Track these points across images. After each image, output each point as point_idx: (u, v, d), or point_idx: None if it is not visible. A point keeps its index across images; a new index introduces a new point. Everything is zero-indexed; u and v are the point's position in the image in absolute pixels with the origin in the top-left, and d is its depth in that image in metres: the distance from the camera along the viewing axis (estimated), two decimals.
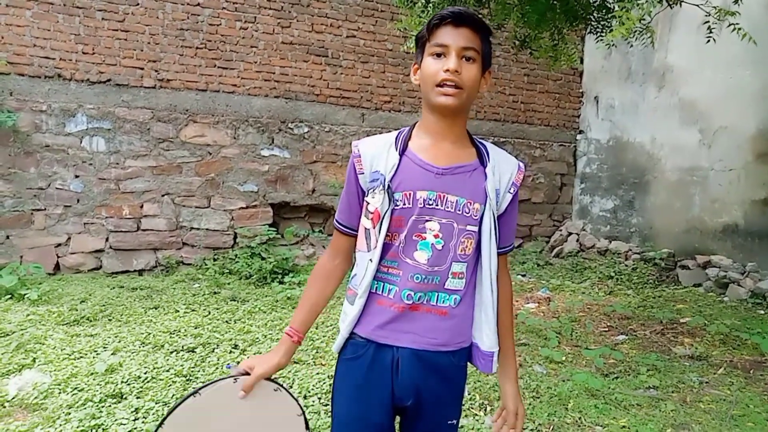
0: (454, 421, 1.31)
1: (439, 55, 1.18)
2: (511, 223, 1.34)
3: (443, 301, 1.25)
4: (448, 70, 1.15)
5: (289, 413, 1.29)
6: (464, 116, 1.27)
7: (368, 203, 1.25)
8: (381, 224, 1.21)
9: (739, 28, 3.51)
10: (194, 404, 1.19)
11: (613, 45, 3.39)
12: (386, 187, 1.21)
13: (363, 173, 1.26)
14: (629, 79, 6.83)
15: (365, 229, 1.26)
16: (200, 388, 1.21)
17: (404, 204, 1.22)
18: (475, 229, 1.26)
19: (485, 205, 1.25)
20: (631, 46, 4.23)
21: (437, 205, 1.22)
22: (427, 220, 1.22)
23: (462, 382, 1.34)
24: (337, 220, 1.35)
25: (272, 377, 1.28)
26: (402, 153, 1.25)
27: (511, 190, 1.29)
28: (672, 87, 6.28)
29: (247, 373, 1.25)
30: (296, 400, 1.30)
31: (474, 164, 1.27)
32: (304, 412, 1.31)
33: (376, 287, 1.26)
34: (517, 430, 1.31)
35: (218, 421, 1.22)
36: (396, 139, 1.28)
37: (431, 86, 1.19)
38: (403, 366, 1.24)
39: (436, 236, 1.22)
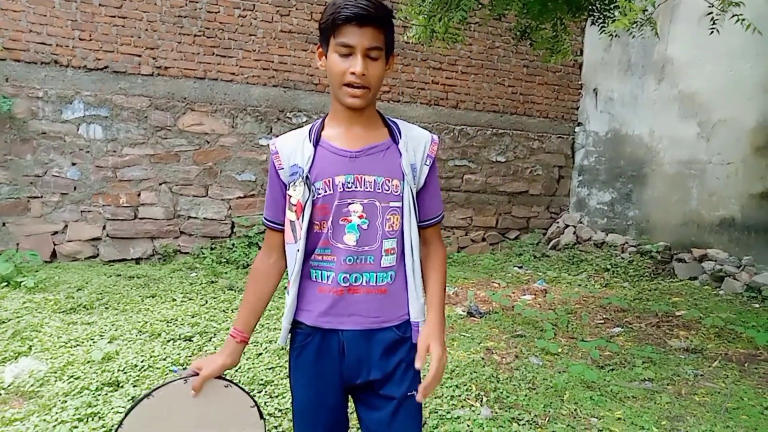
0: (414, 392, 1.30)
1: (344, 54, 1.21)
2: (433, 194, 1.38)
3: (381, 280, 1.29)
4: (354, 73, 1.19)
5: (243, 406, 1.35)
6: (373, 103, 1.32)
7: (290, 196, 1.30)
8: (304, 214, 1.27)
9: (743, 19, 3.49)
10: (150, 405, 1.25)
11: (615, 35, 3.38)
12: (305, 178, 1.26)
13: (282, 168, 1.31)
14: (629, 71, 6.80)
15: (290, 221, 1.31)
16: (153, 390, 1.26)
17: (325, 191, 1.26)
18: (399, 204, 1.30)
19: (403, 180, 1.30)
20: (633, 37, 4.20)
21: (356, 187, 1.27)
22: (349, 203, 1.26)
23: (412, 354, 1.33)
24: (265, 218, 1.39)
25: (222, 375, 1.34)
26: (316, 144, 1.30)
27: (427, 162, 1.34)
28: (672, 79, 6.26)
29: (196, 374, 1.31)
30: (247, 393, 1.36)
31: (387, 143, 1.31)
32: (256, 403, 1.36)
33: (315, 276, 1.31)
34: (430, 374, 1.22)
35: (176, 420, 1.29)
36: (309, 131, 1.33)
37: (338, 85, 1.23)
38: (349, 348, 1.30)
39: (360, 217, 1.27)
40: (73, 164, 5.23)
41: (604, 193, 7.12)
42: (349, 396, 1.39)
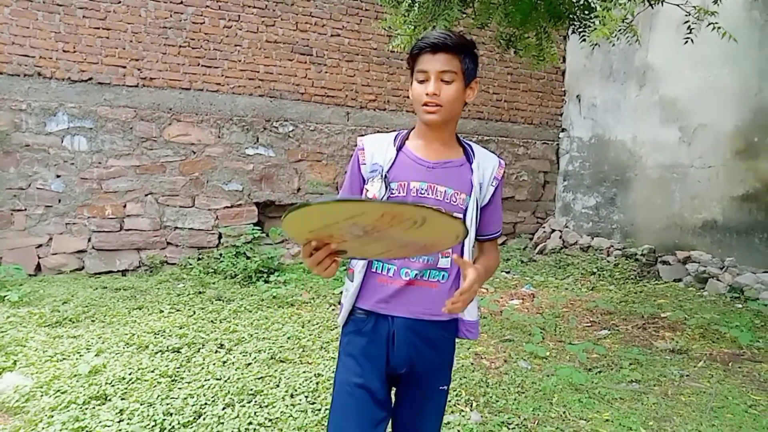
0: (445, 387, 1.50)
1: (422, 81, 1.38)
2: (496, 211, 1.54)
3: (434, 277, 1.42)
4: (427, 94, 1.36)
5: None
6: (452, 124, 1.46)
7: (367, 190, 1.44)
8: None
9: (719, 27, 3.58)
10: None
11: (596, 45, 3.44)
12: (384, 176, 1.41)
13: (365, 164, 1.46)
14: (611, 78, 6.91)
15: None
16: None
17: (399, 192, 1.41)
18: (461, 216, 1.41)
19: (470, 196, 1.45)
20: (613, 45, 4.29)
21: (428, 195, 1.41)
22: None
23: (451, 353, 1.53)
24: None
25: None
26: (399, 149, 1.46)
27: (493, 183, 1.50)
28: (653, 86, 6.38)
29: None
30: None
31: (461, 161, 1.47)
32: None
33: (377, 267, 1.44)
34: (463, 285, 1.28)
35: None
36: (395, 138, 1.49)
37: (418, 106, 1.40)
38: (399, 338, 1.42)
39: None
40: (58, 176, 5.19)
41: (589, 198, 7.20)
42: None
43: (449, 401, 2.83)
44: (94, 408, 2.58)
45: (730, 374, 3.38)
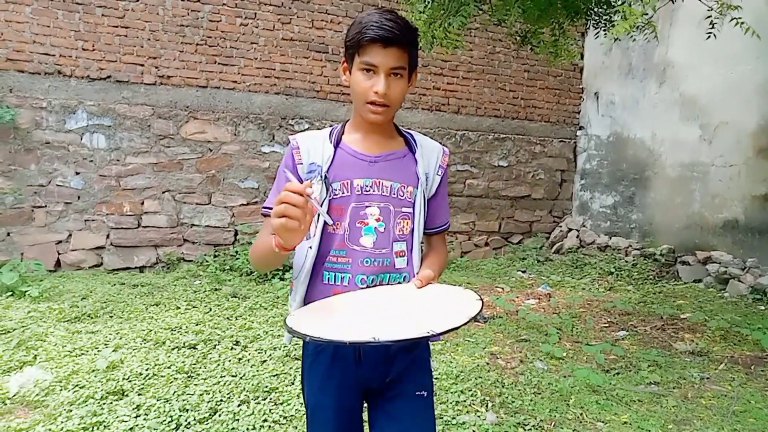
0: (424, 393, 1.36)
1: (368, 70, 1.25)
2: (443, 202, 1.45)
3: (394, 280, 1.33)
4: (377, 92, 1.23)
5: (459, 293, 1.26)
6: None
7: None
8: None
9: (742, 23, 3.50)
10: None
11: (617, 39, 3.39)
12: (324, 177, 1.29)
13: (301, 163, 1.32)
14: (630, 75, 6.81)
15: None
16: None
17: (343, 192, 1.30)
18: (410, 210, 1.35)
19: (417, 188, 1.36)
20: (634, 40, 4.22)
21: (374, 191, 1.31)
22: (366, 206, 1.30)
23: (425, 354, 1.41)
24: (266, 207, 1.32)
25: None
26: (336, 145, 1.34)
27: (439, 173, 1.41)
28: (673, 82, 6.27)
29: None
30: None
31: (404, 151, 1.38)
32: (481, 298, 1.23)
33: (328, 278, 1.30)
34: (421, 277, 1.29)
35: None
36: (330, 133, 1.37)
37: (362, 101, 1.27)
38: (365, 351, 1.31)
39: (377, 220, 1.31)
40: (77, 173, 5.26)
41: (607, 197, 7.11)
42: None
43: (464, 401, 2.81)
44: (111, 403, 2.61)
45: (752, 377, 3.31)
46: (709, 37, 3.73)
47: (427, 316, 1.11)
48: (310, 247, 1.29)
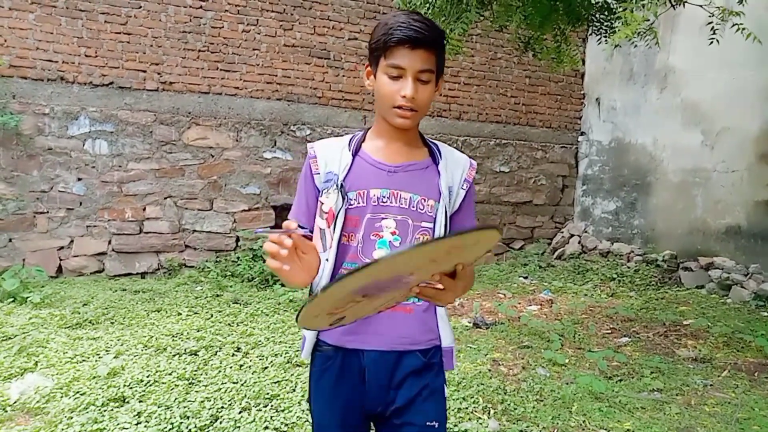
0: (435, 424, 1.26)
1: (394, 77, 1.19)
2: (468, 219, 1.34)
3: (408, 299, 1.22)
4: (404, 96, 1.17)
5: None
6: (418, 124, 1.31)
7: (322, 203, 1.25)
8: (335, 223, 1.23)
9: (744, 29, 3.51)
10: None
11: (617, 46, 3.39)
12: (339, 186, 1.23)
13: (318, 173, 1.28)
14: (631, 81, 6.82)
15: (320, 229, 1.26)
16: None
17: (358, 203, 1.24)
18: (431, 225, 1.26)
19: (439, 202, 1.27)
20: (635, 46, 4.22)
21: (391, 203, 1.24)
22: (382, 218, 1.24)
23: (439, 381, 1.30)
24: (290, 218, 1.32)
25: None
26: (355, 153, 1.28)
27: (464, 187, 1.32)
28: (674, 88, 6.27)
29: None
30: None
31: (426, 162, 1.30)
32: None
33: None
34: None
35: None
36: (350, 141, 1.31)
37: (388, 107, 1.21)
38: (370, 372, 1.25)
39: (393, 233, 1.24)
40: (79, 179, 5.27)
41: (609, 203, 7.10)
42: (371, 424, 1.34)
43: (466, 408, 2.79)
44: (112, 410, 2.60)
45: (756, 384, 3.30)
46: (712, 42, 3.73)
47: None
48: (327, 260, 1.24)
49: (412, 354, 1.26)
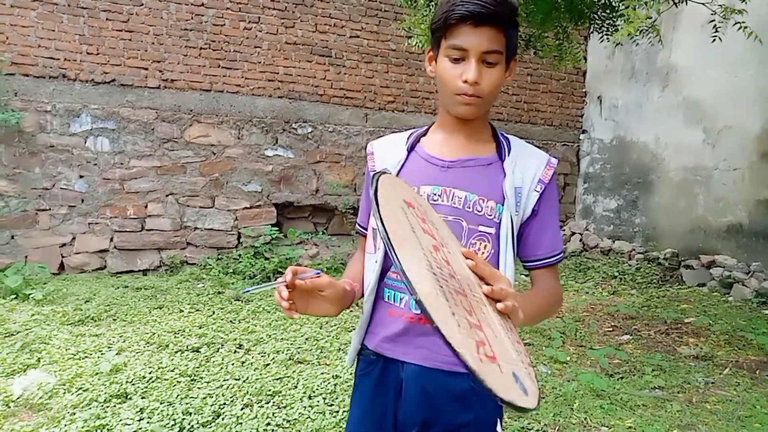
0: None
1: (456, 59, 1.05)
2: (548, 226, 1.16)
3: None
4: (466, 81, 1.04)
5: None
6: (486, 113, 1.19)
7: None
8: None
9: (746, 27, 3.50)
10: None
11: (619, 44, 3.39)
12: None
13: (374, 170, 1.21)
14: (633, 79, 6.81)
15: (373, 229, 1.20)
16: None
17: None
18: (492, 231, 1.11)
19: (502, 205, 1.11)
20: (637, 44, 4.22)
21: (442, 201, 1.12)
22: None
23: (490, 414, 1.12)
24: (357, 224, 1.35)
25: None
26: (411, 149, 1.20)
27: (538, 188, 1.13)
28: (676, 86, 6.26)
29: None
30: None
31: (490, 158, 1.15)
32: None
33: (388, 296, 1.15)
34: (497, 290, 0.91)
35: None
36: (409, 136, 1.24)
37: (449, 93, 1.08)
38: (407, 386, 1.12)
39: None
40: (81, 177, 5.27)
41: (610, 201, 7.10)
42: None
43: None
44: (114, 406, 2.61)
45: (757, 382, 3.30)
46: (714, 40, 3.73)
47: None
48: (376, 261, 1.14)
49: (459, 376, 1.08)
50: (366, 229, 1.25)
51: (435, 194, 1.12)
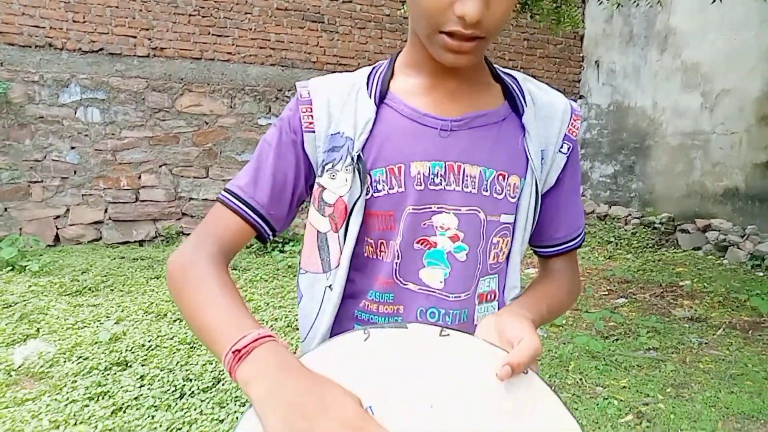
0: None
1: None
2: (570, 202, 0.84)
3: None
4: (462, 17, 0.63)
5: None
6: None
7: (323, 188, 0.76)
8: (348, 225, 0.75)
9: None
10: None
11: (619, 5, 3.32)
12: (356, 159, 0.73)
13: (313, 132, 0.75)
14: (631, 43, 6.71)
15: (317, 233, 0.79)
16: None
17: (391, 187, 0.74)
18: (512, 220, 0.79)
19: (525, 178, 0.78)
20: (637, 5, 4.13)
21: (449, 184, 0.74)
22: (434, 212, 0.75)
23: None
24: (227, 189, 0.79)
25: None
26: (380, 101, 0.76)
27: (564, 149, 0.80)
28: (674, 50, 6.18)
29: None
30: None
31: (501, 111, 0.78)
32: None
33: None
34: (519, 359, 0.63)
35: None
36: (369, 79, 0.79)
37: (432, 29, 0.67)
38: None
39: (454, 238, 0.76)
40: (72, 148, 5.21)
41: (607, 166, 7.08)
42: None
43: None
44: (115, 373, 2.63)
45: (749, 342, 3.35)
46: (714, 1, 3.66)
47: None
48: (330, 288, 0.77)
49: None
50: (255, 212, 0.77)
51: (435, 175, 0.74)
